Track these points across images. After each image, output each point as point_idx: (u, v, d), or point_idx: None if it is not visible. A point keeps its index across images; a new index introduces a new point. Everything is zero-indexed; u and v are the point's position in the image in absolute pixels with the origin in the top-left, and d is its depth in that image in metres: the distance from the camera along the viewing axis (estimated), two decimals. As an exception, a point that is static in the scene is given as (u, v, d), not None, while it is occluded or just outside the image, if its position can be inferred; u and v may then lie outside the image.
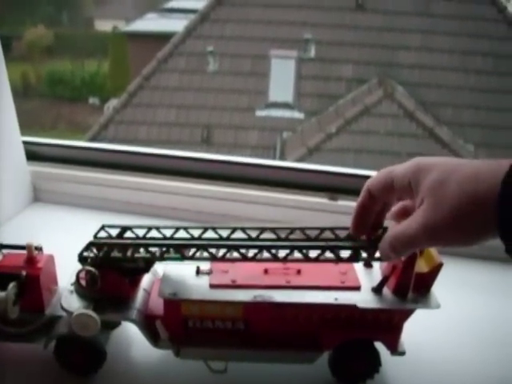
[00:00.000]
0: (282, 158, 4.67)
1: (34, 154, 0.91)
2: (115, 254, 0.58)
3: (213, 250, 0.57)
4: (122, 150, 0.93)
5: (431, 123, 4.46)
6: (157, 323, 0.57)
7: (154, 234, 0.60)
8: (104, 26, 6.90)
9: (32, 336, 0.59)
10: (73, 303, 0.58)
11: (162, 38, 5.30)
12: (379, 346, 0.60)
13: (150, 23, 6.00)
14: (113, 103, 5.73)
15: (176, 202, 0.89)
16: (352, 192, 0.83)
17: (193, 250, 0.58)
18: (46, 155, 0.93)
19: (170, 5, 6.08)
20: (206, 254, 0.58)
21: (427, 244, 0.50)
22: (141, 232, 0.60)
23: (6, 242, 0.62)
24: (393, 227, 0.51)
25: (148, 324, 0.59)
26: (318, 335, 0.60)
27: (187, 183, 0.89)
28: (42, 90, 6.34)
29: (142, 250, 0.58)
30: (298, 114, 4.95)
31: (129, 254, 0.58)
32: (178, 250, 0.58)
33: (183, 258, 0.58)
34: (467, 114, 4.69)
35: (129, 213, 0.91)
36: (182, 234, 0.60)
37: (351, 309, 0.57)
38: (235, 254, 0.57)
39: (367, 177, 0.54)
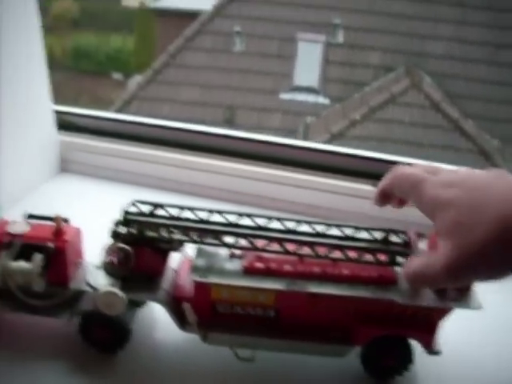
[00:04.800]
0: (304, 142, 4.63)
1: (65, 124, 0.89)
2: (150, 232, 0.56)
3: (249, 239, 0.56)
4: (154, 124, 0.90)
5: (457, 116, 4.39)
6: (184, 306, 0.55)
7: (186, 214, 0.58)
8: (131, 1, 6.86)
9: (56, 310, 0.57)
10: (99, 279, 0.56)
11: (190, 15, 5.27)
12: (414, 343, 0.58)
13: (178, 0, 5.95)
14: (136, 79, 5.72)
15: (211, 180, 0.87)
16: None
17: (231, 238, 0.56)
18: (78, 125, 0.90)
19: (198, -17, 6.03)
20: (244, 243, 0.56)
21: (449, 283, 0.48)
22: (173, 211, 0.58)
23: (29, 210, 0.60)
24: (416, 259, 0.49)
25: (176, 306, 0.57)
26: (351, 328, 0.57)
27: (223, 162, 0.87)
28: (67, 63, 6.32)
29: (176, 230, 0.56)
30: (322, 99, 4.91)
31: (165, 234, 0.56)
32: (217, 236, 0.55)
33: (221, 244, 0.56)
34: (494, 109, 4.62)
35: (156, 187, 0.88)
36: (216, 217, 0.58)
37: (388, 304, 0.55)
38: (274, 246, 0.56)
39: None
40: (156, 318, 0.64)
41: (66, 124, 0.89)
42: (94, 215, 0.63)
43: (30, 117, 0.81)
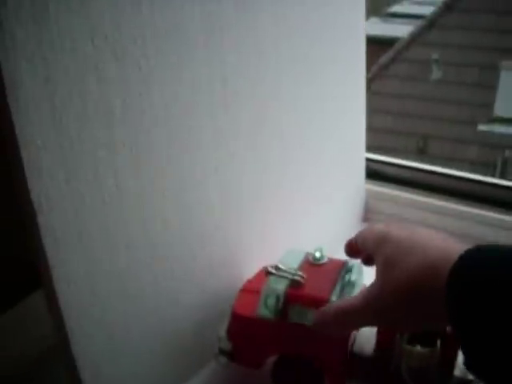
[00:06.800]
0: (503, 177, 4.38)
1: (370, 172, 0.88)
2: None
3: None
4: (459, 176, 0.86)
5: None
6: None
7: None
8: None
9: None
10: None
11: (384, 43, 5.22)
12: None
13: (373, 27, 5.93)
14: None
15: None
16: None
17: None
18: (382, 174, 0.88)
19: (393, 9, 5.97)
20: None
21: (367, 322, 0.46)
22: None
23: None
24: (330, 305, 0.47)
25: None
26: None
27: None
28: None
29: None
30: (524, 132, 4.62)
31: None
32: None
33: None
34: None
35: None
36: None
37: None
38: None
39: None
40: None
41: (371, 172, 0.87)
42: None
43: (346, 163, 0.80)
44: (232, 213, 0.57)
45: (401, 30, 5.25)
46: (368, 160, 0.87)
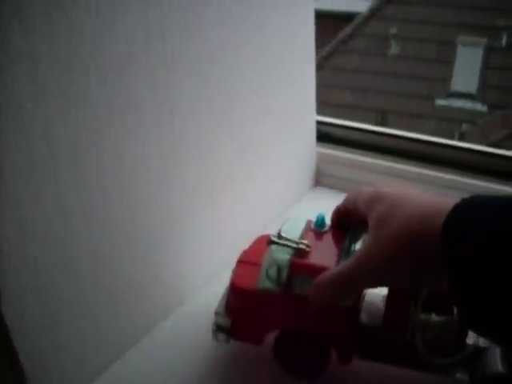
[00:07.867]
0: (460, 151, 4.45)
1: (321, 135, 0.86)
2: None
3: None
4: (411, 138, 0.85)
5: None
6: None
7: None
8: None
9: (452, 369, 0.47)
10: None
11: (343, 18, 5.22)
12: None
13: (332, 2, 5.91)
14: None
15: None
16: None
17: None
18: (332, 136, 0.87)
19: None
20: None
21: (364, 284, 0.44)
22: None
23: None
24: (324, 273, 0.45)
25: None
26: None
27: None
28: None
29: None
30: (480, 107, 4.69)
31: None
32: None
33: None
34: None
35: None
36: None
37: None
38: None
39: None
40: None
41: (322, 135, 0.86)
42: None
43: (296, 126, 0.79)
44: (175, 176, 0.55)
45: (360, 6, 5.25)
46: (319, 123, 0.85)
